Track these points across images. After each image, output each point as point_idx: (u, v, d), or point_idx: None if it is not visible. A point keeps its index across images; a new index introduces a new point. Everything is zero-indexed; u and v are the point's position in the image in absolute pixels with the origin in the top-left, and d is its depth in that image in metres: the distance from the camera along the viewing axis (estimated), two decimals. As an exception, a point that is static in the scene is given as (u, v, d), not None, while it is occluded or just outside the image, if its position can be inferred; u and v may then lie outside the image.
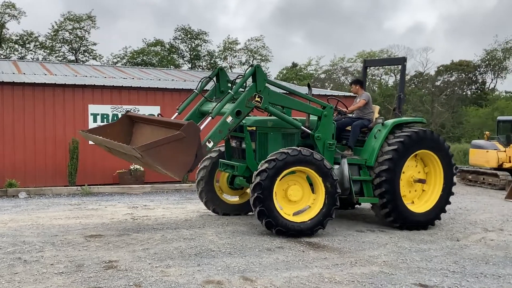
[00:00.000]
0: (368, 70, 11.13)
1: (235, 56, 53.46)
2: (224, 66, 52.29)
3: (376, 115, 9.67)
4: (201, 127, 7.20)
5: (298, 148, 7.79)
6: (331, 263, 6.42)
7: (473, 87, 54.38)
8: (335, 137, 8.78)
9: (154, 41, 50.23)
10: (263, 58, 53.34)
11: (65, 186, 13.57)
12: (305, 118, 8.68)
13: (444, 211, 9.32)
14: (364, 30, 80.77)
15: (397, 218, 8.68)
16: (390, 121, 9.05)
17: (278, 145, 8.45)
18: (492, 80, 54.58)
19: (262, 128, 8.50)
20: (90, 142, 13.08)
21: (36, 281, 5.44)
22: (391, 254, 7.05)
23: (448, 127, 43.45)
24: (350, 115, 9.64)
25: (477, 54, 54.28)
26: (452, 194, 9.41)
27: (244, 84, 8.20)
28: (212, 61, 52.14)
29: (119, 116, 14.42)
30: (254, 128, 8.47)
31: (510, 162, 17.46)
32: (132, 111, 14.60)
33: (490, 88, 54.07)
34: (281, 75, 53.25)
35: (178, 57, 51.89)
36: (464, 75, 52.84)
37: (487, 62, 52.82)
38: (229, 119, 7.51)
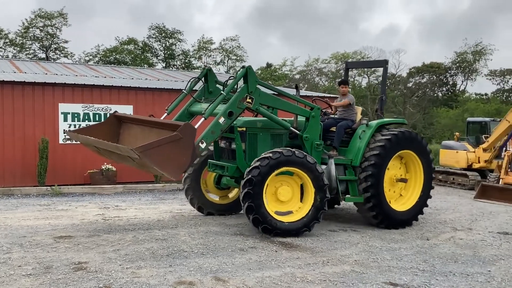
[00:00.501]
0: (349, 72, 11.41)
1: (210, 55, 53.29)
2: (199, 65, 52.11)
3: (359, 116, 9.82)
4: (195, 127, 7.15)
5: (293, 150, 7.86)
6: (303, 263, 6.44)
7: (444, 89, 55.45)
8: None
9: (128, 39, 49.66)
10: (238, 58, 53.31)
11: (34, 186, 13.29)
12: (292, 119, 8.78)
13: (422, 213, 9.59)
14: (339, 31, 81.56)
15: (380, 217, 8.89)
16: (374, 122, 9.23)
17: (267, 145, 8.55)
18: (462, 82, 55.76)
19: (252, 129, 8.58)
20: (67, 141, 12.87)
21: (3, 283, 5.31)
22: (363, 253, 7.12)
23: (420, 128, 44.14)
24: (333, 116, 9.78)
25: (448, 56, 55.35)
26: (430, 197, 9.74)
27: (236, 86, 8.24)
28: (186, 61, 51.85)
29: (91, 115, 14.25)
30: (244, 129, 8.54)
31: (479, 162, 17.84)
32: (104, 110, 14.43)
33: (460, 90, 55.19)
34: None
35: (152, 56, 51.41)
36: (435, 77, 53.83)
37: (457, 64, 53.92)
38: (222, 120, 7.54)
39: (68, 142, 14.03)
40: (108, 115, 14.44)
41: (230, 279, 5.68)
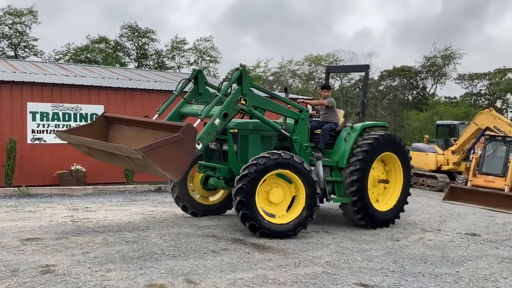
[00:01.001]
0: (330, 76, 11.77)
1: (183, 56, 52.99)
2: (172, 66, 51.76)
3: (341, 119, 10.00)
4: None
5: (279, 152, 7.96)
6: (275, 264, 6.44)
7: (414, 92, 56.43)
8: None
9: (99, 38, 48.98)
10: (212, 59, 53.17)
11: (1, 187, 12.94)
12: (278, 121, 8.90)
13: (403, 211, 9.88)
14: (314, 33, 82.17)
15: (365, 217, 9.12)
16: (359, 125, 9.49)
17: (257, 147, 8.68)
18: (432, 85, 56.87)
19: (243, 130, 8.66)
20: (35, 141, 12.56)
21: (-35, 287, 5.15)
22: (334, 254, 7.16)
23: (391, 131, 44.75)
24: (317, 119, 9.95)
25: (417, 60, 56.41)
26: (409, 194, 10.03)
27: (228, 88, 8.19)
28: (159, 60, 51.43)
29: (60, 115, 13.99)
30: (236, 131, 8.59)
31: (448, 164, 18.17)
32: (74, 110, 14.17)
33: (430, 93, 56.24)
34: (229, 76, 53.25)
35: (124, 55, 50.82)
36: (406, 80, 54.77)
37: (427, 68, 54.93)
38: (217, 121, 7.55)
39: (37, 142, 13.73)
40: (78, 115, 14.27)
41: (202, 281, 5.64)
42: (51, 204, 11.17)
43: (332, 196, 9.09)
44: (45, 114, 13.85)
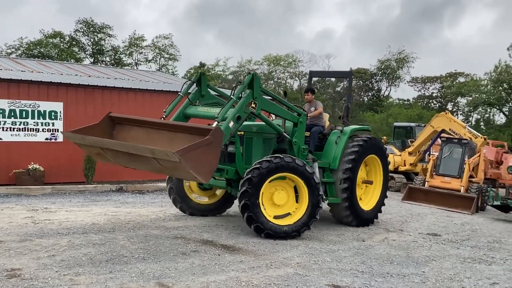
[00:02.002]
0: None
1: (141, 53, 52.13)
2: (129, 62, 50.85)
3: (327, 122, 10.31)
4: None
5: (281, 156, 8.12)
6: (247, 266, 6.43)
7: (370, 93, 57.68)
8: None
9: (53, 33, 47.50)
10: (171, 56, 52.54)
11: (-48, 186, 12.38)
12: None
13: (381, 211, 10.51)
14: (276, 33, 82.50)
15: (353, 215, 9.62)
16: (349, 129, 9.90)
17: (260, 149, 8.89)
18: (387, 88, 58.25)
19: (248, 133, 8.83)
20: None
21: None
22: (304, 255, 7.22)
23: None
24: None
25: (372, 64, 57.78)
26: (386, 196, 10.64)
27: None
28: (116, 57, 50.39)
29: (17, 112, 13.51)
30: (242, 133, 8.72)
31: (405, 165, 18.68)
32: (32, 107, 13.70)
33: (385, 95, 57.61)
34: (188, 74, 52.78)
35: (79, 51, 49.50)
36: (361, 82, 55.90)
37: (382, 70, 56.25)
38: (231, 124, 7.61)
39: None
40: (36, 112, 13.81)
41: (174, 284, 5.56)
42: (8, 205, 10.74)
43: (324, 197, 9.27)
44: (1, 111, 13.30)
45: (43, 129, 13.98)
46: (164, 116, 8.53)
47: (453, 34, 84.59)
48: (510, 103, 50.05)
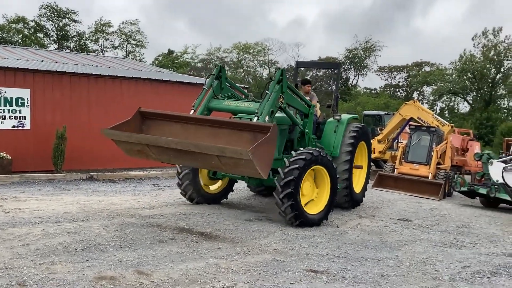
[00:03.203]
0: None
1: (108, 39, 51.11)
2: (95, 49, 49.79)
3: (319, 111, 10.59)
4: None
5: (317, 149, 8.51)
6: (225, 253, 6.45)
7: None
8: None
9: (17, 18, 46.07)
10: (138, 43, 51.69)
11: None
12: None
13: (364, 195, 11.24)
14: (248, 21, 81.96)
15: (349, 198, 10.23)
16: (345, 118, 10.32)
17: (278, 140, 8.85)
18: (355, 76, 58.90)
19: None
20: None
21: None
22: (281, 241, 7.28)
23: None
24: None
25: (340, 53, 58.34)
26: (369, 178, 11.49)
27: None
28: (82, 43, 49.28)
29: (-17, 98, 13.09)
30: None
31: (374, 153, 18.95)
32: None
33: (353, 84, 58.25)
34: (156, 61, 52.08)
35: (43, 37, 48.17)
36: (330, 71, 56.27)
37: (350, 59, 56.80)
38: (267, 118, 7.86)
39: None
40: (2, 99, 13.42)
41: (154, 272, 5.53)
42: (-25, 194, 10.44)
43: None
44: (-35, 98, 12.90)
45: (9, 116, 13.62)
46: (193, 109, 8.52)
47: (424, 23, 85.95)
48: (474, 92, 51.39)
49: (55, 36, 48.85)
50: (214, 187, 10.10)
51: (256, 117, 7.75)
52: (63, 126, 13.87)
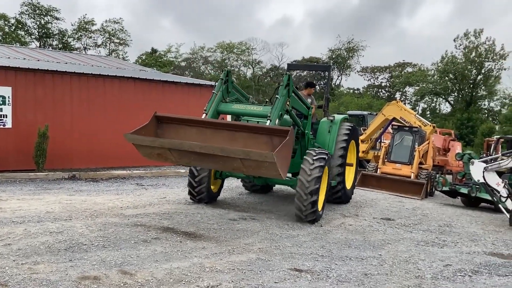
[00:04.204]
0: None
1: (91, 37, 50.65)
2: (77, 47, 49.31)
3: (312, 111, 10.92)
4: None
5: (324, 150, 9.31)
6: (210, 253, 6.44)
7: (321, 82, 58.48)
8: None
9: (-3, 15, 45.42)
10: (121, 41, 51.30)
11: None
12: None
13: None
14: (236, 20, 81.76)
15: (343, 194, 10.88)
16: (338, 118, 10.86)
17: None
18: (338, 76, 59.22)
19: None
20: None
21: None
22: (265, 241, 7.30)
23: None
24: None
25: (323, 53, 58.64)
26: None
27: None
28: (64, 41, 48.73)
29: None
30: None
31: (357, 153, 19.08)
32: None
33: (336, 84, 58.56)
34: (140, 60, 51.72)
35: (25, 34, 47.53)
36: (313, 71, 56.50)
37: (333, 60, 57.13)
38: (277, 122, 8.11)
39: None
40: (-17, 97, 13.21)
41: (138, 272, 5.50)
42: (-46, 193, 10.27)
43: None
44: None
45: (-10, 115, 13.42)
46: (205, 113, 8.66)
47: (410, 24, 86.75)
48: (455, 93, 52.06)
49: (37, 33, 48.25)
50: (213, 186, 10.21)
51: (268, 121, 8.05)
52: (45, 124, 13.71)
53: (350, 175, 11.53)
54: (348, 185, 11.33)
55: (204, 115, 8.65)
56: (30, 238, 6.57)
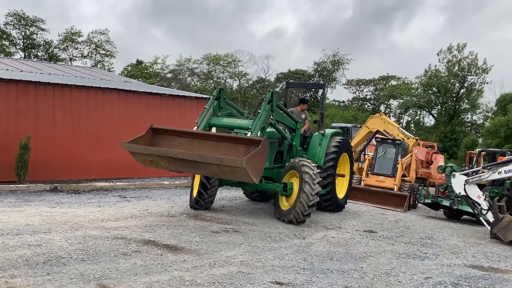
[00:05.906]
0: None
1: (77, 48, 50.43)
2: (63, 57, 49.07)
3: (307, 127, 11.94)
4: None
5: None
6: (190, 266, 6.39)
7: (308, 95, 58.79)
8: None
9: (-19, 25, 45.06)
10: (107, 53, 51.15)
11: None
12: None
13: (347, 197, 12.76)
14: (228, 31, 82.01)
15: (333, 203, 11.64)
16: (328, 133, 11.72)
17: (269, 153, 10.24)
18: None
19: None
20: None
21: None
22: (247, 253, 7.27)
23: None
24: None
25: (309, 66, 59.05)
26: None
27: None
28: (50, 51, 48.46)
29: None
30: None
31: (342, 165, 19.16)
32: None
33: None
34: (125, 71, 51.56)
35: (10, 45, 47.19)
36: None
37: (319, 72, 57.56)
38: (259, 133, 9.11)
39: None
40: (-37, 108, 13.04)
41: (116, 286, 5.43)
42: None
43: None
44: None
45: (-30, 126, 13.25)
46: (196, 125, 9.66)
47: (401, 37, 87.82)
48: (439, 106, 52.66)
49: (22, 44, 47.92)
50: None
51: (249, 132, 8.97)
52: (27, 136, 13.57)
53: (343, 185, 12.29)
54: (341, 194, 12.07)
55: (195, 127, 9.59)
56: (7, 251, 6.46)
